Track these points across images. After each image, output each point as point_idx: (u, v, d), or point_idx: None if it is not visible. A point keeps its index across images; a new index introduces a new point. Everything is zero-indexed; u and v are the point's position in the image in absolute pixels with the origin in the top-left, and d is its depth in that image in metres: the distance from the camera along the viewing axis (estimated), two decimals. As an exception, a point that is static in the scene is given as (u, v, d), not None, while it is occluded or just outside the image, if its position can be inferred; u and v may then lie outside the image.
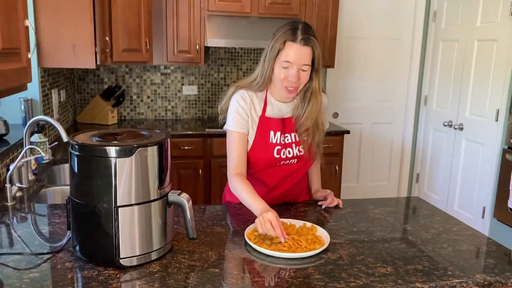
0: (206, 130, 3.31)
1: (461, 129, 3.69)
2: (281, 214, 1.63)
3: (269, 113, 1.67)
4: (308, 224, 1.51)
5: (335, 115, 4.12)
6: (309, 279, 1.19)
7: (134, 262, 1.23)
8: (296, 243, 1.36)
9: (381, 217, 1.66)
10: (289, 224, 1.51)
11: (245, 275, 1.21)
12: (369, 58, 4.11)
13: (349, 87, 4.12)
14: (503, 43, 3.24)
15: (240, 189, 1.57)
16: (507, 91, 3.21)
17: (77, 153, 1.21)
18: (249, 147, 1.66)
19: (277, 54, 1.56)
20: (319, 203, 1.77)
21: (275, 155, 1.66)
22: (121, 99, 3.52)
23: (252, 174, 1.72)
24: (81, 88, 3.65)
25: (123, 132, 1.33)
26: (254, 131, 1.66)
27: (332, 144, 3.44)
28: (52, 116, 2.83)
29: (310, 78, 1.62)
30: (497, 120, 3.31)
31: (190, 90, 3.82)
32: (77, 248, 1.26)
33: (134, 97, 3.74)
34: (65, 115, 3.24)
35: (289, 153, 1.68)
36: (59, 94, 3.03)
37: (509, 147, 3.20)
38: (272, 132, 1.66)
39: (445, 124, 3.86)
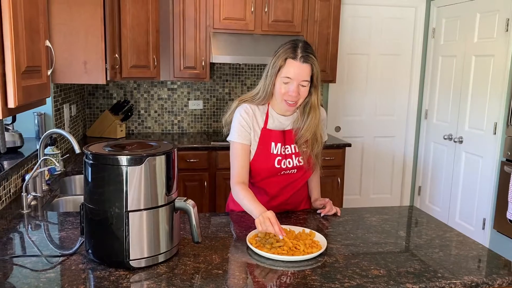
0: (211, 143, 3.41)
1: (461, 142, 3.76)
2: (281, 221, 1.72)
3: (270, 125, 1.77)
4: (307, 230, 1.60)
5: (337, 128, 4.21)
6: (306, 280, 1.27)
7: (143, 263, 1.32)
8: (295, 247, 1.45)
9: (377, 225, 1.74)
10: (288, 230, 1.59)
11: (247, 277, 1.29)
12: (370, 73, 4.22)
13: (351, 102, 4.22)
14: (499, 58, 3.34)
15: (242, 196, 1.66)
16: (504, 105, 3.30)
17: (91, 161, 1.31)
18: (252, 157, 1.76)
19: (278, 70, 1.66)
20: (318, 211, 1.85)
21: (276, 165, 1.76)
22: (129, 114, 3.64)
23: (254, 183, 1.81)
24: (91, 103, 3.78)
25: (133, 143, 1.43)
26: (256, 142, 1.75)
27: (334, 157, 3.53)
28: (64, 129, 2.95)
29: (309, 93, 1.71)
30: (495, 133, 3.39)
31: (196, 105, 3.94)
32: (90, 250, 1.35)
33: (142, 111, 3.87)
34: (76, 129, 3.36)
35: (289, 163, 1.77)
36: (70, 108, 3.16)
37: (507, 160, 3.27)
38: (273, 144, 1.76)
39: (445, 137, 3.94)
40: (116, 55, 2.98)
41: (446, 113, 3.98)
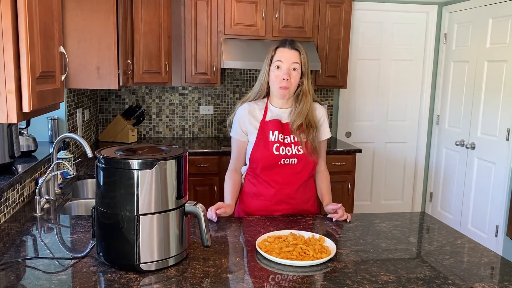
0: (222, 148, 3.43)
1: (473, 148, 3.73)
2: (291, 226, 1.73)
3: (268, 118, 1.89)
4: (317, 236, 1.59)
5: (348, 134, 4.20)
6: (315, 285, 1.27)
7: (153, 267, 1.33)
8: (304, 253, 1.45)
9: (387, 230, 1.73)
10: (298, 235, 1.59)
11: (256, 281, 1.29)
12: (381, 78, 4.20)
13: (362, 107, 4.21)
14: (512, 64, 3.30)
15: (226, 184, 1.94)
16: (517, 111, 3.26)
17: (103, 165, 1.33)
18: (252, 147, 1.89)
19: (271, 60, 1.85)
20: (329, 215, 1.84)
21: (275, 152, 1.84)
22: (141, 119, 3.68)
23: (259, 175, 1.89)
24: (103, 108, 3.82)
25: (144, 148, 1.45)
26: (255, 134, 1.88)
27: (345, 162, 3.52)
28: (77, 133, 2.99)
29: (301, 82, 1.86)
30: (508, 140, 3.35)
31: (206, 110, 3.97)
32: (101, 253, 1.37)
33: (154, 116, 3.90)
34: (88, 133, 3.40)
35: (288, 151, 1.85)
36: (83, 113, 3.20)
37: (520, 166, 3.23)
38: (271, 132, 1.86)
39: (457, 143, 3.90)
40: (129, 61, 3.02)
41: (458, 119, 3.94)
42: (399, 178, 4.39)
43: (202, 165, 3.36)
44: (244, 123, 1.90)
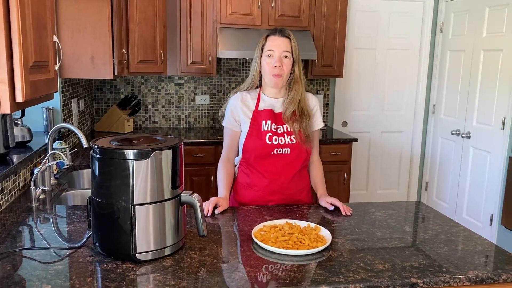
0: (218, 138, 3.43)
1: (469, 137, 3.74)
2: (287, 215, 1.73)
3: (261, 107, 1.89)
4: (312, 225, 1.60)
5: (344, 123, 4.20)
6: (311, 274, 1.28)
7: (149, 256, 1.33)
8: (300, 242, 1.46)
9: (382, 219, 1.74)
10: (293, 224, 1.60)
11: (251, 270, 1.30)
12: (378, 68, 4.20)
13: (358, 97, 4.21)
14: (508, 52, 3.30)
15: (219, 175, 1.92)
16: (513, 100, 3.27)
17: (98, 156, 1.32)
18: (245, 137, 1.89)
19: (262, 49, 1.86)
20: (328, 206, 1.83)
21: (267, 141, 1.84)
22: (136, 109, 3.67)
23: (252, 165, 1.89)
24: (98, 98, 3.80)
25: (139, 138, 1.45)
26: (248, 124, 1.88)
27: (341, 152, 3.52)
28: (72, 124, 2.98)
29: (293, 70, 1.86)
30: (503, 129, 3.36)
31: (202, 100, 3.95)
32: (97, 244, 1.37)
33: (149, 106, 3.89)
34: (84, 124, 3.39)
35: (281, 141, 1.85)
36: (78, 103, 3.18)
37: (515, 155, 3.25)
38: (263, 122, 1.86)
39: (453, 132, 3.92)
40: (124, 50, 3.00)
41: (454, 108, 3.95)
42: (395, 167, 4.41)
43: (198, 155, 3.35)
44: (237, 112, 1.90)
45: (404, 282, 1.25)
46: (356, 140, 3.59)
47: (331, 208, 1.81)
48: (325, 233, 1.54)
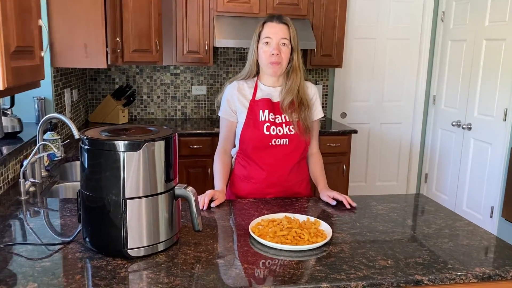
0: (215, 129, 3.36)
1: (470, 128, 3.68)
2: (285, 209, 1.67)
3: (259, 97, 1.82)
4: (312, 219, 1.54)
5: (343, 115, 4.14)
6: (311, 271, 1.22)
7: (142, 252, 1.27)
8: (299, 236, 1.40)
9: (384, 213, 1.69)
10: (292, 218, 1.54)
11: (249, 266, 1.24)
12: (378, 58, 4.12)
13: (357, 87, 4.14)
14: (511, 42, 3.23)
15: (216, 167, 1.86)
16: (515, 91, 3.21)
17: (88, 147, 1.26)
18: (241, 127, 1.81)
19: (259, 36, 1.78)
20: (330, 201, 1.77)
21: (265, 132, 1.77)
22: (131, 99, 3.59)
23: (249, 157, 1.83)
24: (93, 88, 3.72)
25: (131, 128, 1.38)
26: (245, 113, 1.81)
27: (340, 144, 3.46)
28: (65, 114, 2.90)
29: (292, 58, 1.78)
30: (505, 120, 3.30)
31: (199, 90, 3.88)
32: (87, 239, 1.31)
33: (145, 97, 3.81)
34: (77, 114, 3.31)
35: (280, 131, 1.79)
36: (71, 93, 3.10)
37: (517, 147, 3.20)
38: (261, 111, 1.79)
39: (454, 124, 3.86)
40: (118, 39, 2.92)
41: (454, 99, 3.89)
42: (394, 159, 4.36)
43: (195, 146, 3.29)
44: (234, 101, 1.83)
45: (408, 279, 1.20)
46: (355, 132, 3.52)
47: (333, 203, 1.75)
48: (325, 227, 1.49)
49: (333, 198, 1.76)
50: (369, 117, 4.21)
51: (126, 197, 1.23)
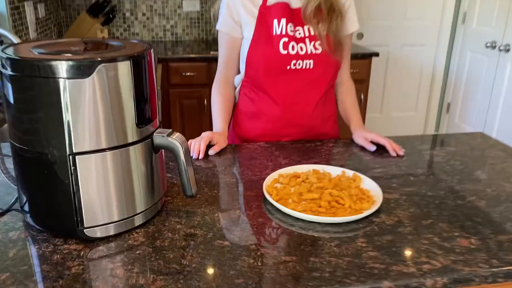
0: (211, 53, 2.84)
1: (507, 50, 3.17)
2: (309, 157, 1.24)
3: (271, 1, 1.31)
4: (349, 172, 1.11)
5: (360, 36, 3.59)
6: (361, 259, 0.81)
7: (107, 231, 0.85)
8: (336, 202, 0.97)
9: (441, 161, 1.26)
10: (322, 172, 1.11)
11: (266, 251, 0.83)
12: (402, -34, 3.49)
13: (376, 3, 3.55)
14: None
15: (214, 101, 1.41)
16: None
17: (11, 72, 0.79)
18: (248, 45, 1.33)
19: None
20: (368, 146, 1.33)
21: (282, 50, 1.29)
22: (111, 16, 3.02)
23: (259, 86, 1.36)
24: (65, 3, 3.13)
25: (82, 42, 0.90)
26: (253, 25, 1.31)
27: (358, 69, 2.96)
28: (27, 35, 2.37)
29: None
30: (556, 39, 2.78)
31: (191, 6, 3.28)
32: (27, 211, 0.88)
33: (127, 14, 3.23)
34: (47, 35, 2.77)
35: (301, 49, 1.30)
36: (35, 8, 2.54)
37: None
38: (275, 21, 1.30)
39: (488, 45, 3.33)
40: None
41: (490, 15, 3.32)
42: (414, 86, 3.87)
43: (188, 74, 2.79)
44: (237, 9, 1.33)
45: (510, 271, 0.79)
46: (377, 55, 3.01)
47: (373, 148, 1.31)
48: (370, 185, 1.06)
49: (372, 142, 1.32)
50: (389, 38, 3.67)
51: (74, 151, 0.79)
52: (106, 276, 0.75)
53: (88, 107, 0.77)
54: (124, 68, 0.79)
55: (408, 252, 0.83)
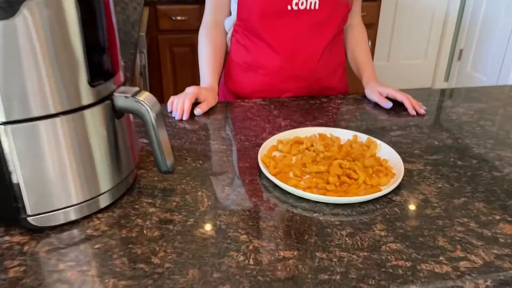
0: (204, -6, 2.56)
1: (531, -9, 2.88)
2: (313, 117, 1.05)
3: None
4: (362, 137, 0.92)
5: (367, -26, 3.26)
6: (380, 253, 0.64)
7: (62, 218, 0.68)
8: (347, 176, 0.79)
9: (469, 120, 1.07)
10: (329, 136, 0.92)
11: (260, 244, 0.66)
12: None
13: None
14: None
15: (202, 49, 1.20)
16: None
17: None
18: None
19: None
20: (383, 103, 1.13)
21: None
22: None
23: (255, 32, 1.13)
24: None
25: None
26: None
27: (366, 12, 2.69)
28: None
29: None
30: None
31: None
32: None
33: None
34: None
35: None
36: None
37: None
38: None
39: (509, -15, 3.03)
40: None
41: (514, -49, 3.00)
42: (425, 32, 3.59)
43: (179, 18, 2.53)
44: None
45: None
46: (387, -4, 2.73)
47: (389, 106, 1.11)
48: (387, 153, 0.87)
49: (387, 97, 1.12)
50: (399, -23, 3.34)
51: (6, 119, 0.59)
52: (52, 281, 0.58)
53: (20, 60, 0.57)
54: (69, 4, 0.58)
55: (439, 244, 0.66)
